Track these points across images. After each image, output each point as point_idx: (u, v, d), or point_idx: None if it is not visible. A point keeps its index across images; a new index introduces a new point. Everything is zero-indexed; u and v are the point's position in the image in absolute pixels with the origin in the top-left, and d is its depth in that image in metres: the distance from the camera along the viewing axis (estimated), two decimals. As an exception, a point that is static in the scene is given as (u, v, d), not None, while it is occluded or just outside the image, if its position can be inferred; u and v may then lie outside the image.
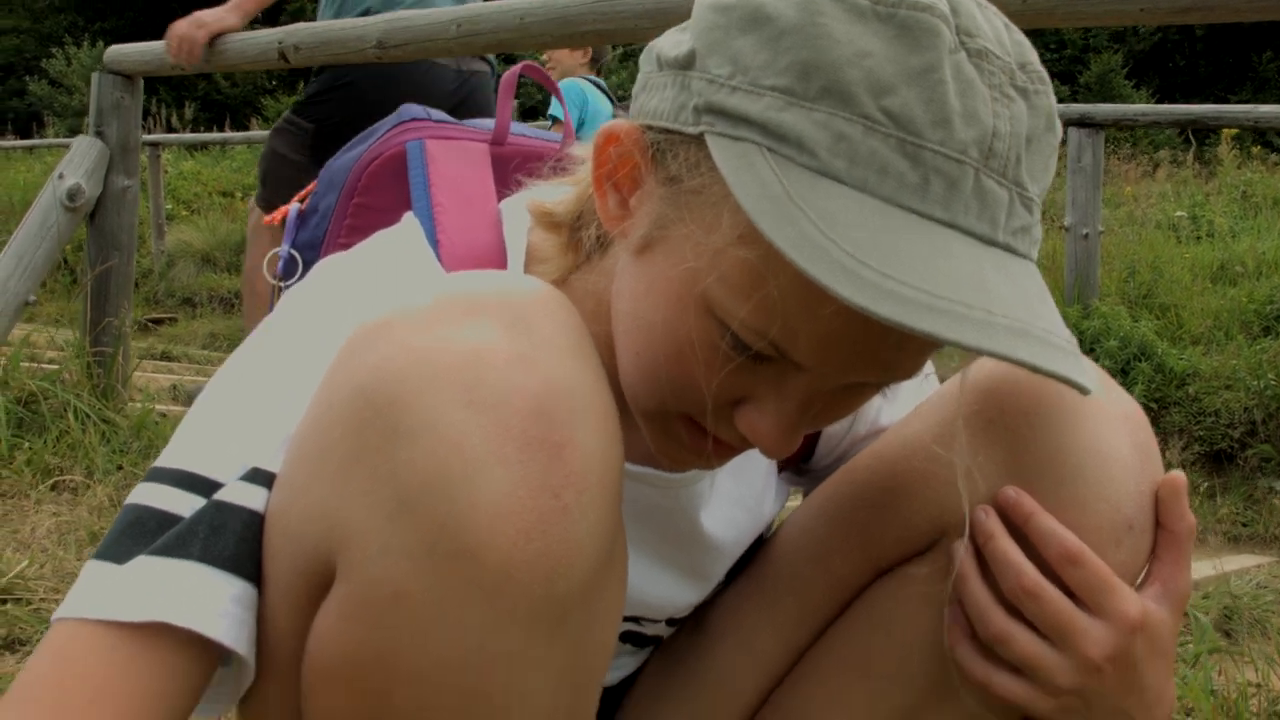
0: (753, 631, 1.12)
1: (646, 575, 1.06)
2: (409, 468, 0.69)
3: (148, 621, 0.76)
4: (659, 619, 1.12)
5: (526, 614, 0.71)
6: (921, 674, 1.00)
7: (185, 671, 0.79)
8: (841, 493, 1.08)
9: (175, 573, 0.78)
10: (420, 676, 0.72)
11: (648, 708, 1.18)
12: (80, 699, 0.75)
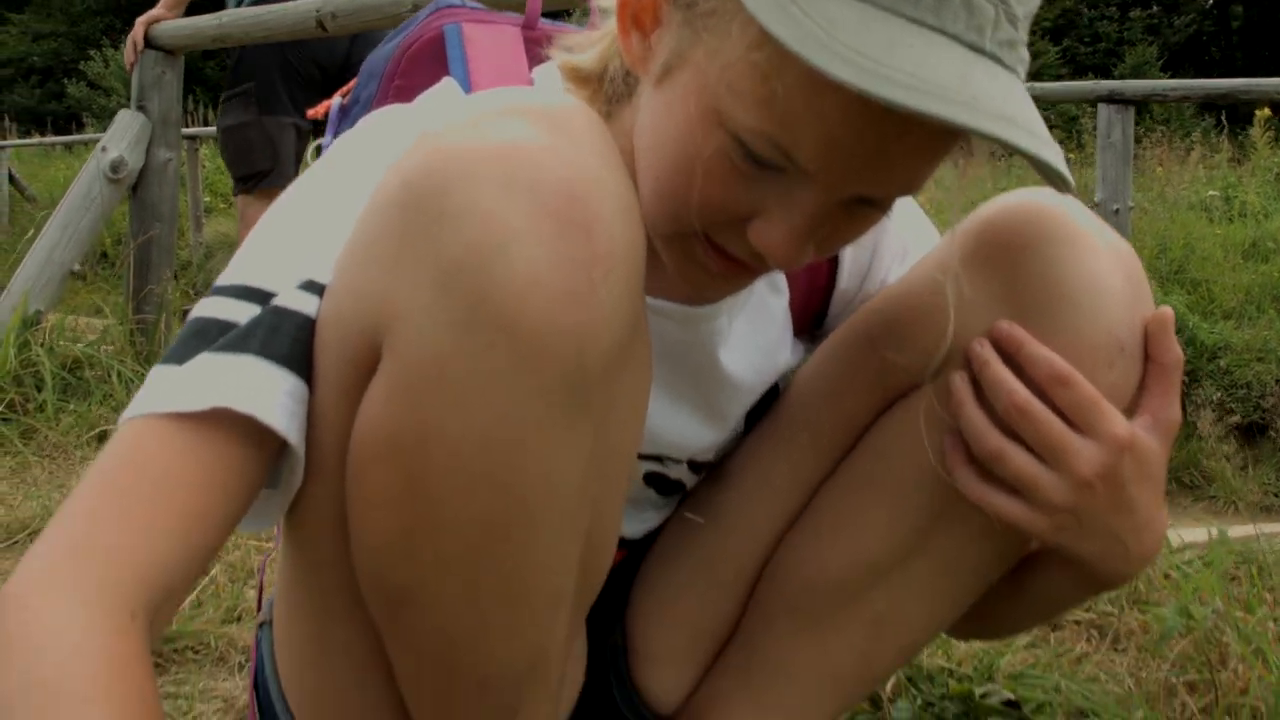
0: (769, 471, 1.17)
1: (665, 411, 1.12)
2: (450, 245, 0.74)
3: (208, 409, 0.82)
4: (680, 458, 1.17)
5: (557, 383, 0.76)
6: (927, 499, 1.05)
7: (243, 462, 0.85)
8: (850, 333, 1.14)
9: (234, 366, 0.84)
10: (458, 450, 0.78)
11: (670, 555, 1.23)
12: (145, 485, 0.81)
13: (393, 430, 0.79)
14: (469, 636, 0.88)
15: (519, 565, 0.84)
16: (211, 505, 0.83)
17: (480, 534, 0.81)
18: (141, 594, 0.78)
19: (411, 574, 0.85)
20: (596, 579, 0.98)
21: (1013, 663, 1.62)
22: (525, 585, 0.86)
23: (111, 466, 0.82)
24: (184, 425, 0.83)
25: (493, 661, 0.90)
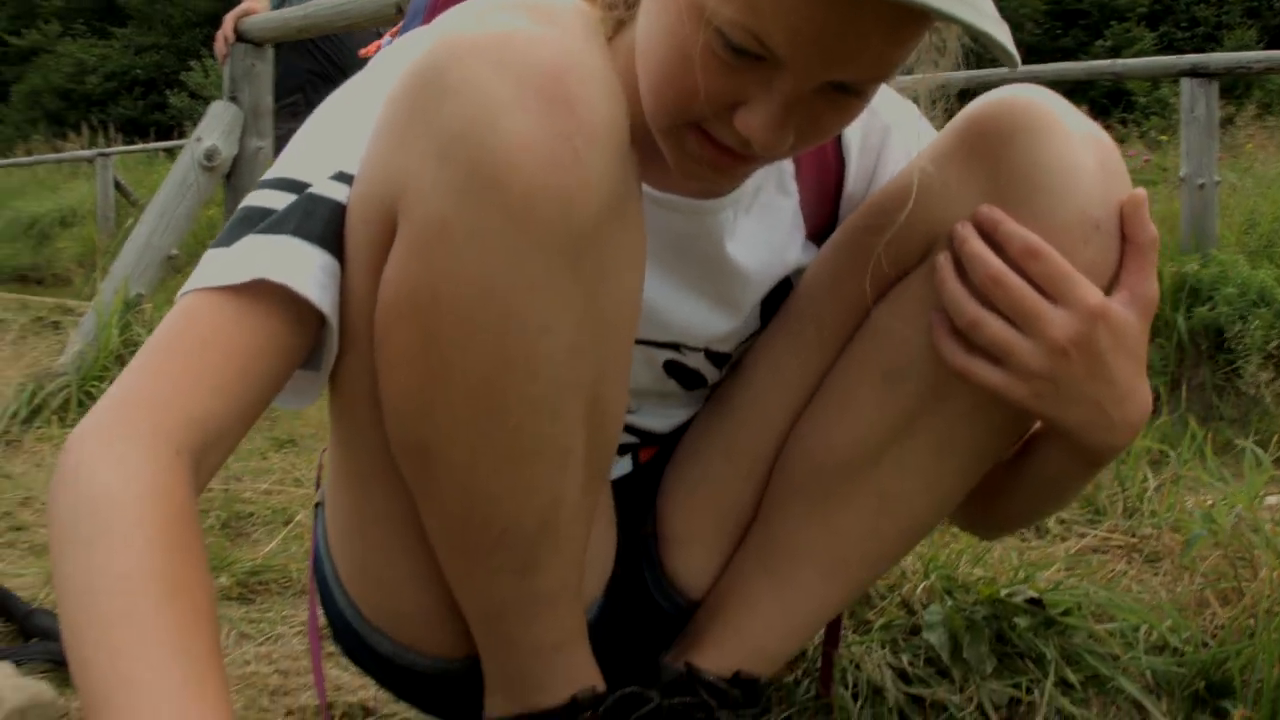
0: (780, 362, 1.25)
1: (675, 299, 1.21)
2: (449, 118, 0.85)
3: (249, 281, 0.93)
4: (695, 346, 1.25)
5: (547, 241, 0.86)
6: (919, 375, 1.13)
7: (281, 329, 0.96)
8: (849, 226, 1.22)
9: (273, 245, 0.96)
10: (462, 304, 0.88)
11: (695, 446, 1.32)
12: (192, 347, 0.93)
13: (408, 290, 0.90)
14: (483, 491, 0.98)
15: (522, 417, 0.94)
16: (252, 366, 0.94)
17: (485, 384, 0.92)
18: (186, 437, 0.89)
19: (430, 429, 0.96)
20: (607, 444, 1.06)
21: (1051, 579, 1.67)
22: (530, 438, 0.95)
23: (164, 333, 0.94)
24: (229, 297, 0.94)
25: (506, 516, 1.00)
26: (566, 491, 1.02)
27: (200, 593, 0.83)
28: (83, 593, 0.80)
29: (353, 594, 1.21)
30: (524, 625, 1.10)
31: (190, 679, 0.76)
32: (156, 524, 0.83)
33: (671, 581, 1.31)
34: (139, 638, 0.78)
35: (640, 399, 1.30)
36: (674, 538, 1.30)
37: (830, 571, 1.22)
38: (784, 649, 1.27)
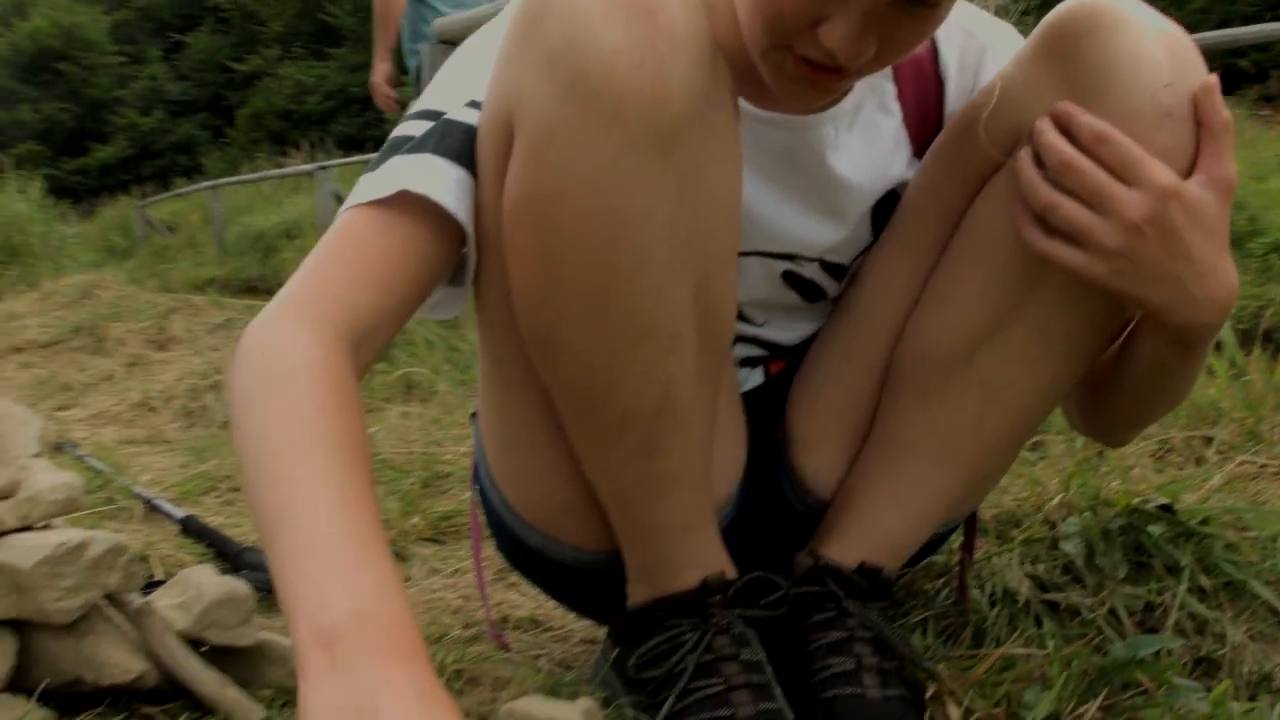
0: (889, 267, 1.36)
1: (784, 211, 1.33)
2: (551, 36, 1.01)
3: (394, 194, 1.11)
4: (810, 257, 1.37)
5: (639, 138, 1.01)
6: (1011, 265, 1.22)
7: (424, 237, 1.14)
8: (945, 132, 1.33)
9: (413, 162, 1.14)
10: (570, 198, 1.04)
11: (818, 353, 1.44)
12: (348, 252, 1.12)
13: (525, 190, 1.06)
14: (603, 374, 1.13)
15: (632, 300, 1.09)
16: (399, 268, 1.12)
17: (594, 270, 1.06)
18: (345, 326, 1.07)
19: (552, 316, 1.11)
20: (718, 335, 1.19)
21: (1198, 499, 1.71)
22: (639, 320, 1.10)
23: (325, 244, 1.13)
24: (378, 210, 1.13)
25: (625, 398, 1.14)
26: (680, 375, 1.14)
27: (358, 448, 0.99)
28: (258, 446, 0.97)
29: (505, 492, 1.36)
30: (651, 507, 1.23)
31: (346, 520, 0.91)
32: (322, 390, 1.00)
33: (802, 483, 1.41)
34: (304, 484, 0.94)
35: (766, 312, 1.41)
36: (802, 441, 1.41)
37: (942, 462, 1.31)
38: (904, 540, 1.36)
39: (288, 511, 0.92)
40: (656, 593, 1.30)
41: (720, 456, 1.32)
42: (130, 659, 1.41)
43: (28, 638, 1.39)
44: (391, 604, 0.87)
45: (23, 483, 1.43)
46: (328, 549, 0.89)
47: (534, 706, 1.06)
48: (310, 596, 0.86)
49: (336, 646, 0.82)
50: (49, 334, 6.05)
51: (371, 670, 0.81)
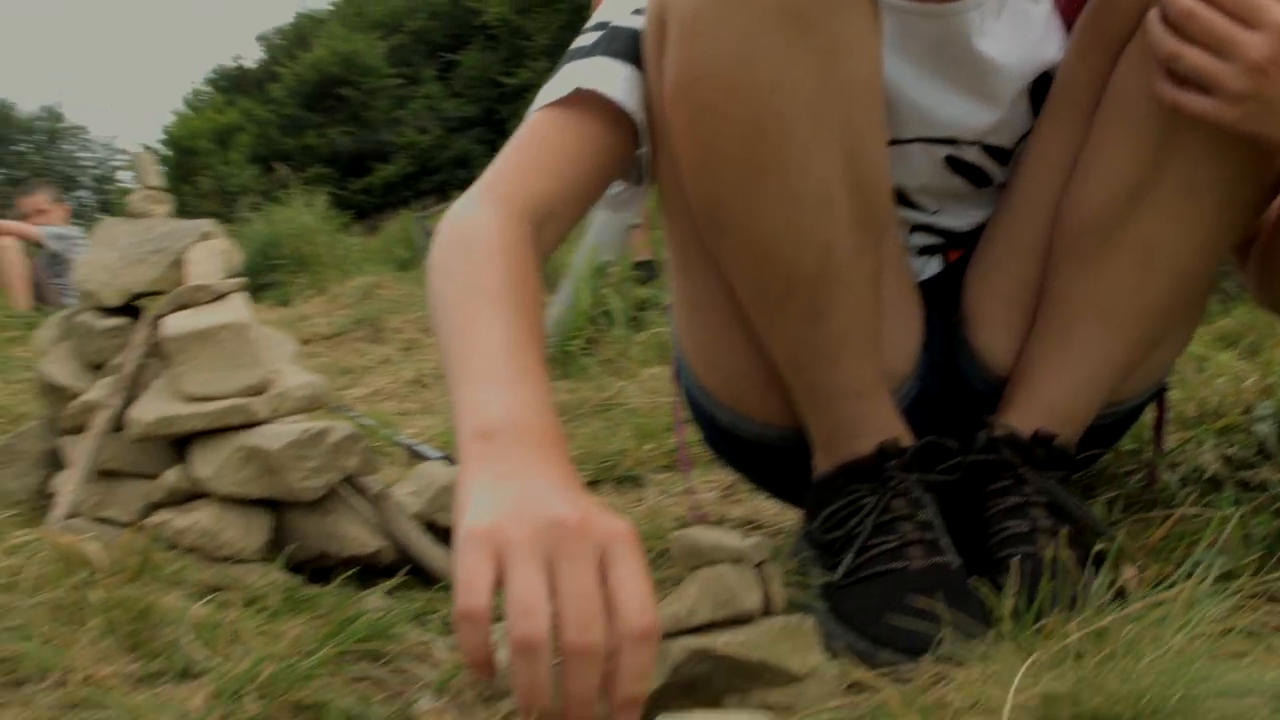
0: (1046, 144, 1.40)
1: (937, 96, 1.39)
2: None
3: (569, 93, 1.25)
4: (969, 140, 1.42)
5: (776, 15, 1.11)
6: (1152, 123, 1.25)
7: (599, 129, 1.27)
8: (1088, 7, 1.36)
9: (586, 65, 1.28)
10: (719, 75, 1.14)
11: (986, 238, 1.49)
12: (532, 147, 1.27)
13: (679, 74, 1.16)
14: (764, 241, 1.23)
15: (781, 169, 1.18)
16: (577, 157, 1.26)
17: (747, 141, 1.16)
18: (527, 208, 1.21)
19: (715, 189, 1.21)
20: (872, 205, 1.26)
21: None
22: (792, 186, 1.19)
23: (513, 142, 1.28)
24: (557, 110, 1.27)
25: (787, 263, 1.24)
26: (836, 242, 1.22)
27: (527, 302, 1.12)
28: (444, 303, 1.12)
29: (697, 372, 1.47)
30: (822, 371, 1.31)
31: (509, 355, 1.04)
32: (499, 257, 1.14)
33: (980, 360, 1.46)
34: (478, 329, 1.08)
35: (938, 199, 1.47)
36: (977, 320, 1.46)
37: (1106, 326, 1.34)
38: (1076, 407, 1.39)
39: (463, 351, 1.06)
40: (837, 461, 1.38)
41: (895, 335, 1.39)
42: (368, 536, 1.57)
43: (280, 516, 1.58)
44: (540, 413, 1.00)
45: (274, 382, 1.61)
46: (491, 375, 1.03)
47: (703, 535, 1.15)
48: (474, 409, 1.00)
49: (492, 439, 0.95)
50: (333, 327, 6.50)
51: (519, 456, 0.93)
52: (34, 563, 1.28)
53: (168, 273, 1.78)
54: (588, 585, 0.83)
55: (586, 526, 0.86)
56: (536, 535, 0.85)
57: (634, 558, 0.86)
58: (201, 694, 1.02)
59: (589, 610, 0.83)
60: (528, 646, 0.82)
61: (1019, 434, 1.38)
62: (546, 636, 0.82)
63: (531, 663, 0.82)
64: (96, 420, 1.63)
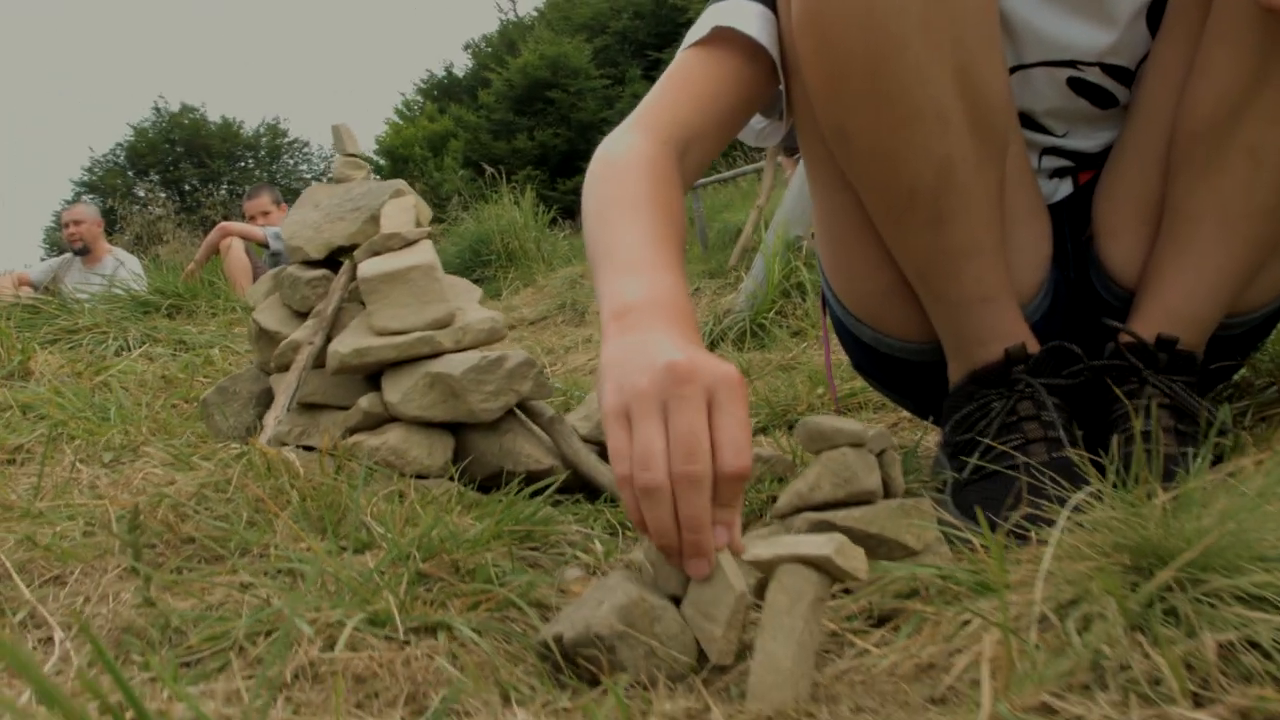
0: (1162, 61, 1.44)
1: (1053, 20, 1.45)
2: None
3: (710, 32, 1.37)
4: (1089, 61, 1.47)
5: None
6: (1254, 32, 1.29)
7: (737, 63, 1.39)
8: None
9: (725, 7, 1.39)
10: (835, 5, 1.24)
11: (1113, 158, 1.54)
12: (677, 80, 1.39)
13: (802, 7, 1.25)
14: (887, 155, 1.31)
15: (898, 86, 1.25)
16: (718, 89, 1.38)
17: (866, 61, 1.25)
18: (671, 134, 1.34)
19: (841, 111, 1.30)
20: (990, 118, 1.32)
21: None
22: (910, 104, 1.26)
23: (661, 80, 1.41)
24: (699, 50, 1.40)
25: (909, 175, 1.31)
26: (955, 154, 1.29)
27: (670, 210, 1.24)
28: (595, 213, 1.24)
29: (838, 290, 1.55)
30: (948, 280, 1.38)
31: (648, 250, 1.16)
32: (645, 173, 1.26)
33: (1109, 272, 1.51)
34: (622, 230, 1.19)
35: (1065, 122, 1.52)
36: (1105, 234, 1.51)
37: (1221, 227, 1.37)
38: (1197, 310, 1.42)
39: (607, 248, 1.18)
40: (967, 368, 1.45)
41: (1024, 250, 1.45)
42: (541, 454, 1.70)
43: (461, 437, 1.72)
44: (674, 294, 1.10)
45: (457, 317, 1.76)
46: (629, 267, 1.14)
47: (826, 420, 1.23)
48: (615, 294, 1.11)
49: (628, 316, 1.06)
50: (537, 314, 6.74)
51: (651, 327, 1.04)
52: (242, 470, 1.44)
53: (364, 227, 1.94)
54: (695, 425, 0.93)
55: (696, 371, 0.96)
56: (654, 383, 0.95)
57: (737, 404, 0.95)
58: (376, 558, 1.16)
59: (695, 447, 0.93)
60: (649, 492, 0.93)
61: (1142, 339, 1.42)
62: (666, 482, 0.93)
63: (655, 505, 0.93)
64: (300, 357, 1.81)
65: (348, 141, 2.19)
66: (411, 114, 31.05)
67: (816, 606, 0.89)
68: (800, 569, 0.89)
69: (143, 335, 3.55)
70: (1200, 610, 0.85)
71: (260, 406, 1.97)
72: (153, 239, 12.26)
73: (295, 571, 1.16)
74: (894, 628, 1.01)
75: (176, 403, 2.51)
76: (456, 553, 1.16)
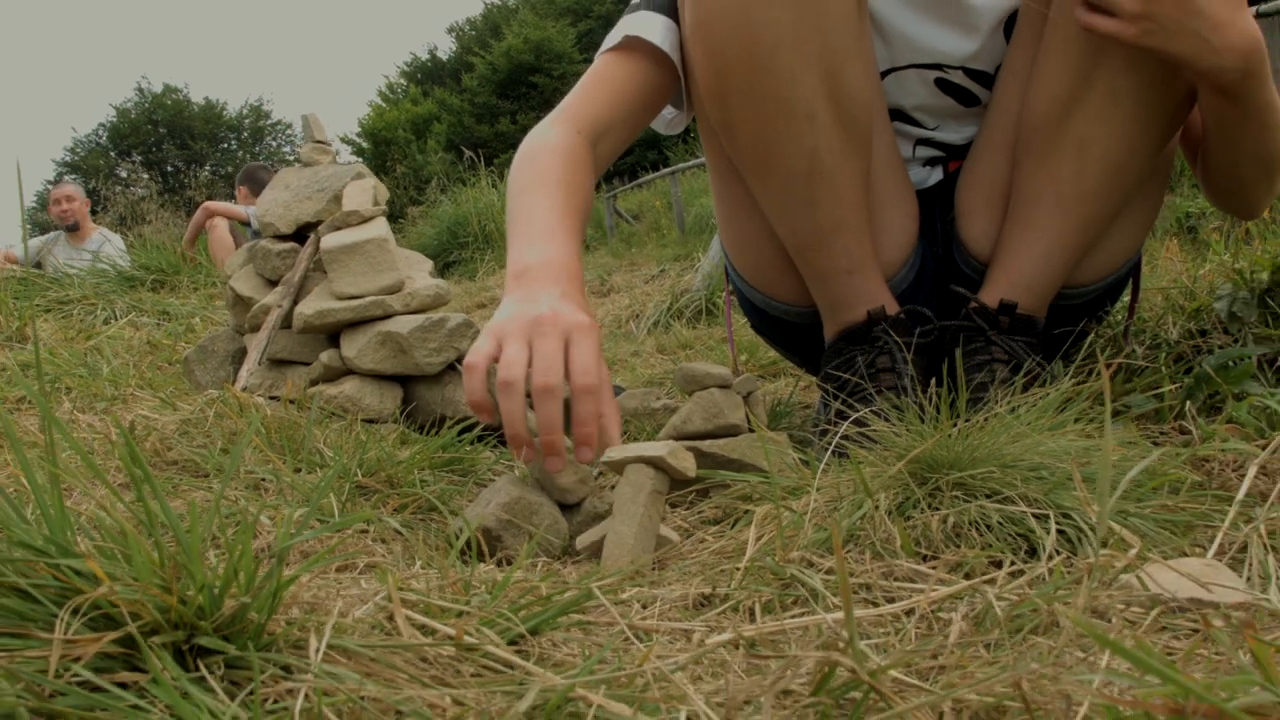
0: (1013, 62, 1.70)
1: (924, 29, 1.70)
2: None
3: (620, 40, 1.62)
4: (954, 65, 1.72)
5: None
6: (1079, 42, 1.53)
7: (643, 66, 1.64)
8: None
9: (635, 18, 1.64)
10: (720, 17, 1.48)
11: (973, 148, 1.79)
12: (591, 81, 1.64)
13: (692, 19, 1.52)
14: (764, 144, 1.56)
15: (773, 87, 1.50)
16: (627, 88, 1.63)
17: (745, 65, 1.49)
18: (583, 124, 1.58)
19: (725, 106, 1.56)
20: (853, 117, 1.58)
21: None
22: (782, 102, 1.51)
23: (579, 82, 1.65)
24: (612, 55, 1.65)
25: (783, 161, 1.57)
26: (823, 146, 1.55)
27: (578, 188, 1.50)
28: (513, 190, 1.50)
29: (734, 260, 1.82)
30: (819, 252, 1.65)
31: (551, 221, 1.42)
32: (559, 157, 1.52)
33: (966, 248, 1.77)
34: (533, 203, 1.45)
35: (935, 117, 1.78)
36: (963, 215, 1.77)
37: (1055, 209, 1.63)
38: (1035, 278, 1.68)
39: (517, 219, 1.45)
40: (838, 328, 1.72)
41: (891, 228, 1.72)
42: (478, 403, 1.97)
43: (409, 387, 1.99)
44: (567, 259, 1.37)
45: (407, 284, 2.02)
46: (533, 235, 1.40)
47: (698, 366, 1.50)
48: (518, 257, 1.38)
49: (524, 275, 1.33)
50: (509, 292, 7.01)
51: (542, 286, 1.31)
52: (215, 410, 1.71)
53: (328, 206, 2.21)
54: (552, 350, 1.22)
55: (558, 318, 1.23)
56: (523, 326, 1.23)
57: (588, 340, 1.23)
58: (324, 472, 1.43)
59: (551, 365, 1.20)
60: (507, 385, 1.21)
61: (986, 305, 1.69)
62: (522, 380, 1.21)
63: (510, 398, 1.21)
64: (270, 318, 2.07)
65: (316, 130, 2.45)
66: (395, 97, 31.18)
67: (655, 497, 1.16)
68: (642, 467, 1.17)
69: (128, 306, 3.80)
70: (945, 500, 1.12)
71: (235, 363, 2.23)
72: (136, 219, 12.46)
73: (261, 485, 1.42)
74: (731, 523, 1.28)
75: (161, 365, 2.77)
76: (391, 470, 1.43)
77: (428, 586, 0.89)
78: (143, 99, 36.07)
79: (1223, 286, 1.86)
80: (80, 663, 0.62)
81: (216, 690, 0.64)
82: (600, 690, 0.66)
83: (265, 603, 0.70)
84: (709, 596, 0.98)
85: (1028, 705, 0.62)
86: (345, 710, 0.63)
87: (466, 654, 0.74)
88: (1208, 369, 1.60)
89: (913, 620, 0.91)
